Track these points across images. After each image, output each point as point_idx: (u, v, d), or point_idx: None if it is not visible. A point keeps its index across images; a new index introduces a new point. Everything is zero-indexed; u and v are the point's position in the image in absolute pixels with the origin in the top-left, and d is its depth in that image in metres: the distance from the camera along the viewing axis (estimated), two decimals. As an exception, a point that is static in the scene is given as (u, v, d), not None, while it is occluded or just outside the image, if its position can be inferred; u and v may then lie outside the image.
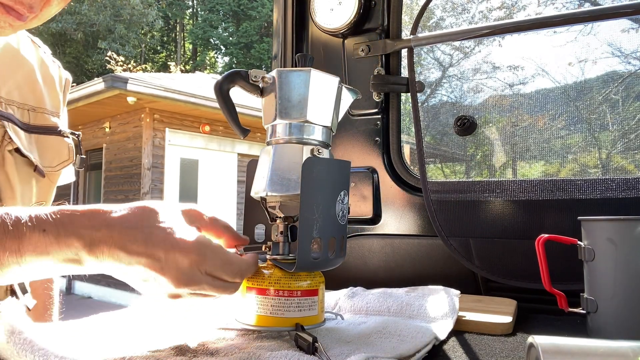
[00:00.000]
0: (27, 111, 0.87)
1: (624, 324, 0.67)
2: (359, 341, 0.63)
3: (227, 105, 0.69)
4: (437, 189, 1.06)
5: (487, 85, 1.44)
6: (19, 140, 0.82)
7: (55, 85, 0.95)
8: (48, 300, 1.05)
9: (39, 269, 0.52)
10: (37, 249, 0.50)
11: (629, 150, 1.21)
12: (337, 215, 0.64)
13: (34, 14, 0.70)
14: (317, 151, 0.66)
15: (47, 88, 0.93)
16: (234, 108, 0.70)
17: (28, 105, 0.87)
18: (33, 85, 0.89)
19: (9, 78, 0.84)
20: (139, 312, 0.76)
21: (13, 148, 0.81)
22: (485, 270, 0.98)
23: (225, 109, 0.69)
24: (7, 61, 0.85)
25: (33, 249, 0.50)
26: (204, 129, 8.44)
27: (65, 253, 0.51)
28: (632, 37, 1.10)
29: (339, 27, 1.13)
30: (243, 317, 0.65)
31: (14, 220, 0.50)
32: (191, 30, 26.29)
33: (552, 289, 0.76)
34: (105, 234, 0.52)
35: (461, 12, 1.60)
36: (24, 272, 0.52)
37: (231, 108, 0.69)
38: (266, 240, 0.74)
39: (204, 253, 0.55)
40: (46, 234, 0.50)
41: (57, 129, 0.92)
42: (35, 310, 0.96)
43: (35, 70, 0.90)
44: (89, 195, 9.35)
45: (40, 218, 0.51)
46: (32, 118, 0.87)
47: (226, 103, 0.69)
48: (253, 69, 0.69)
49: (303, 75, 0.67)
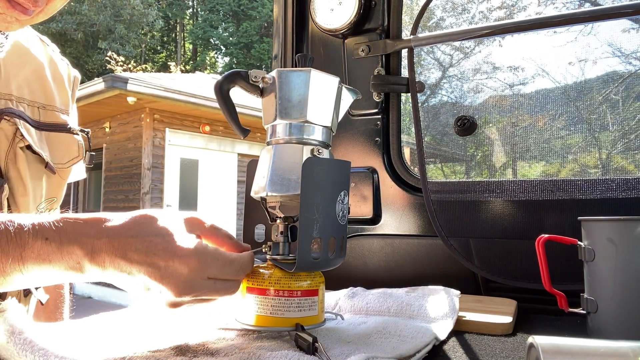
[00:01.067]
0: (38, 109, 0.88)
1: (624, 324, 0.67)
2: (359, 341, 0.63)
3: (227, 106, 0.69)
4: (437, 189, 1.06)
5: (487, 86, 1.44)
6: (30, 138, 0.83)
7: (64, 83, 0.96)
8: (59, 299, 1.06)
9: (42, 277, 0.52)
10: (40, 257, 0.50)
11: (629, 151, 1.21)
12: (337, 215, 0.64)
13: (39, 7, 0.71)
14: (317, 151, 0.66)
15: (57, 86, 0.94)
16: (234, 108, 0.70)
17: (38, 103, 0.88)
18: (43, 83, 0.90)
19: (19, 75, 0.86)
20: (139, 312, 0.76)
21: (25, 145, 0.82)
22: (485, 271, 0.98)
23: (225, 109, 0.69)
24: (17, 59, 0.86)
25: (35, 257, 0.50)
26: (204, 129, 8.44)
27: (67, 261, 0.51)
28: (633, 37, 1.10)
29: (339, 27, 1.13)
30: (243, 317, 0.65)
31: (17, 227, 0.50)
32: (191, 30, 26.29)
33: (552, 289, 0.76)
34: (106, 242, 0.52)
35: (461, 12, 1.60)
36: (26, 280, 0.52)
37: (231, 108, 0.70)
38: (266, 240, 0.74)
39: (204, 260, 0.55)
40: (48, 242, 0.50)
41: (67, 126, 0.93)
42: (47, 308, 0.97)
43: (45, 68, 0.92)
44: (89, 195, 9.35)
45: (43, 226, 0.51)
46: (43, 115, 0.88)
47: (226, 103, 0.69)
48: (253, 69, 0.69)
49: (303, 75, 0.67)
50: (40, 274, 0.51)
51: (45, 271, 0.51)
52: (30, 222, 0.51)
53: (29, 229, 0.50)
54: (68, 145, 0.93)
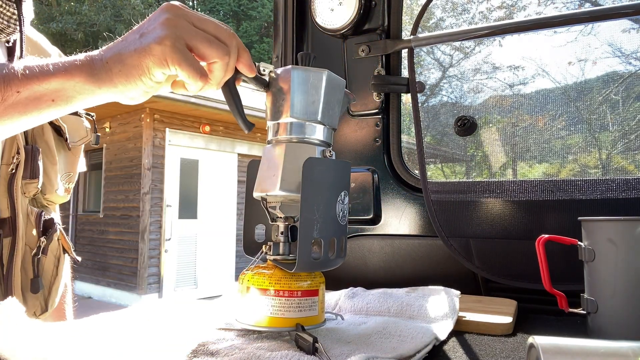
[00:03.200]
0: None
1: (624, 324, 0.67)
2: (359, 341, 0.63)
3: (232, 96, 0.65)
4: (438, 190, 1.06)
5: (488, 86, 1.44)
6: None
7: None
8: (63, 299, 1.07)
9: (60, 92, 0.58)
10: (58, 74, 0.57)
11: (629, 151, 1.21)
12: (337, 215, 0.64)
13: None
14: (329, 153, 0.66)
15: None
16: (240, 100, 0.66)
17: None
18: None
19: None
20: (139, 312, 0.76)
21: None
22: (485, 271, 0.98)
23: (231, 100, 0.65)
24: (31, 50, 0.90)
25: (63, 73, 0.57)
26: (204, 129, 8.43)
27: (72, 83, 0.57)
28: (633, 38, 1.10)
29: (340, 27, 1.13)
30: (243, 317, 0.65)
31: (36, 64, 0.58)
32: (191, 30, 26.25)
33: (553, 290, 0.76)
34: (100, 54, 0.58)
35: (461, 13, 1.60)
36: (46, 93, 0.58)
37: (237, 99, 0.65)
38: (266, 240, 0.74)
39: (180, 12, 0.57)
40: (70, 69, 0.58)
41: None
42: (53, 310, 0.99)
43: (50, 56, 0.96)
44: (89, 195, 9.34)
45: None
46: None
47: (232, 93, 0.65)
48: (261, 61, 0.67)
49: (319, 75, 0.66)
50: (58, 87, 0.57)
51: (63, 85, 0.57)
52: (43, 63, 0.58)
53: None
54: (77, 126, 0.98)
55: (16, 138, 0.85)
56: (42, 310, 0.91)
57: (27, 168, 0.85)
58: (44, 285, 0.92)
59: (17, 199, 0.84)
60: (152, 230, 7.80)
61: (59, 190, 0.95)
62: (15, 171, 0.84)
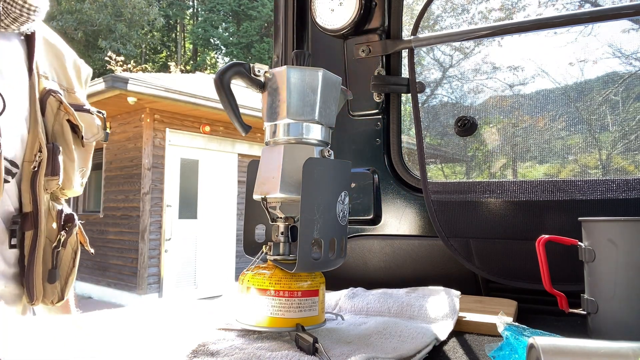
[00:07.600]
0: (63, 90, 0.99)
1: (624, 324, 0.67)
2: (359, 342, 0.63)
3: (228, 98, 0.65)
4: (438, 190, 1.06)
5: (488, 86, 1.44)
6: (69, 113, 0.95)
7: (81, 74, 1.06)
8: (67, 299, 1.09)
9: None
10: None
11: (629, 151, 1.21)
12: (337, 215, 0.64)
13: None
14: (327, 152, 0.66)
15: (75, 75, 1.04)
16: (235, 101, 0.66)
17: (63, 86, 0.99)
18: (64, 69, 1.01)
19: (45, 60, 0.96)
20: (139, 312, 0.76)
21: (66, 118, 0.94)
22: (485, 271, 0.98)
23: (227, 102, 0.65)
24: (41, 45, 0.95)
25: None
26: (204, 129, 8.43)
27: None
28: (633, 38, 1.10)
29: (340, 27, 1.13)
30: (243, 317, 0.65)
31: None
32: (191, 30, 26.28)
33: (553, 290, 0.76)
34: None
35: (461, 13, 1.60)
36: None
37: (232, 101, 0.65)
38: (266, 240, 0.74)
39: None
40: None
41: (86, 107, 1.04)
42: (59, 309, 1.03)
43: (64, 56, 1.02)
44: (89, 195, 9.34)
45: None
46: (67, 97, 0.99)
47: (227, 95, 0.65)
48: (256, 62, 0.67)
49: (315, 74, 0.66)
50: None
51: None
52: None
53: None
54: (90, 123, 1.02)
55: (38, 137, 0.89)
56: (59, 299, 0.97)
57: (48, 165, 0.90)
58: (61, 276, 0.96)
59: (39, 194, 0.89)
60: (152, 231, 7.80)
61: (76, 186, 1.00)
62: (37, 168, 0.88)
